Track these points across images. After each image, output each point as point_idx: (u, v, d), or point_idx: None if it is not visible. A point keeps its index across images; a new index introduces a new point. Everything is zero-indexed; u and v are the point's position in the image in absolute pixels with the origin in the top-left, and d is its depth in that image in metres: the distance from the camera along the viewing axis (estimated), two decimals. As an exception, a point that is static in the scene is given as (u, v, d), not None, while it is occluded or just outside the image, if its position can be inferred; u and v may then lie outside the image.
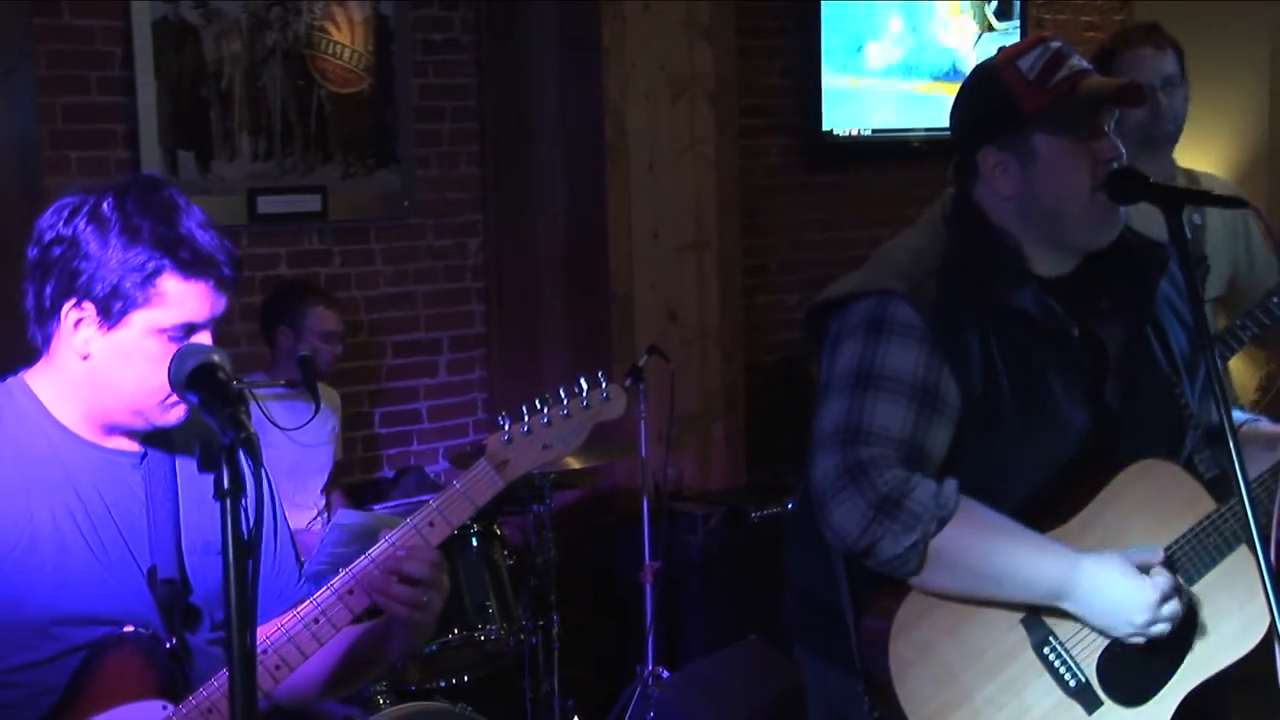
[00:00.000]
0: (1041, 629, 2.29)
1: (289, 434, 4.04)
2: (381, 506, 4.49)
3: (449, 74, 5.44)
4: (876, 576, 2.27)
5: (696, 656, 4.66)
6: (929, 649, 2.25)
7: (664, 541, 4.64)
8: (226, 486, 1.62)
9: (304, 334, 4.47)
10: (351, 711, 3.79)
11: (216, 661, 2.09)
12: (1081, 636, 2.29)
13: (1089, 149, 2.32)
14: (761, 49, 6.03)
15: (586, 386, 2.23)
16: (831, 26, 6.15)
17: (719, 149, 5.35)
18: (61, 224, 2.03)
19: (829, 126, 6.21)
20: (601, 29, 5.07)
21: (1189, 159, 3.64)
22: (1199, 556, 2.36)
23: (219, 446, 1.64)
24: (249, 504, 1.62)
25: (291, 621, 2.09)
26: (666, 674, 4.44)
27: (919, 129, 6.41)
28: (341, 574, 2.12)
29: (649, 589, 4.49)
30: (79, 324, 2.02)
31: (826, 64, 6.15)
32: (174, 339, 2.01)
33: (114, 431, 2.11)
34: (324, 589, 2.12)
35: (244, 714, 1.58)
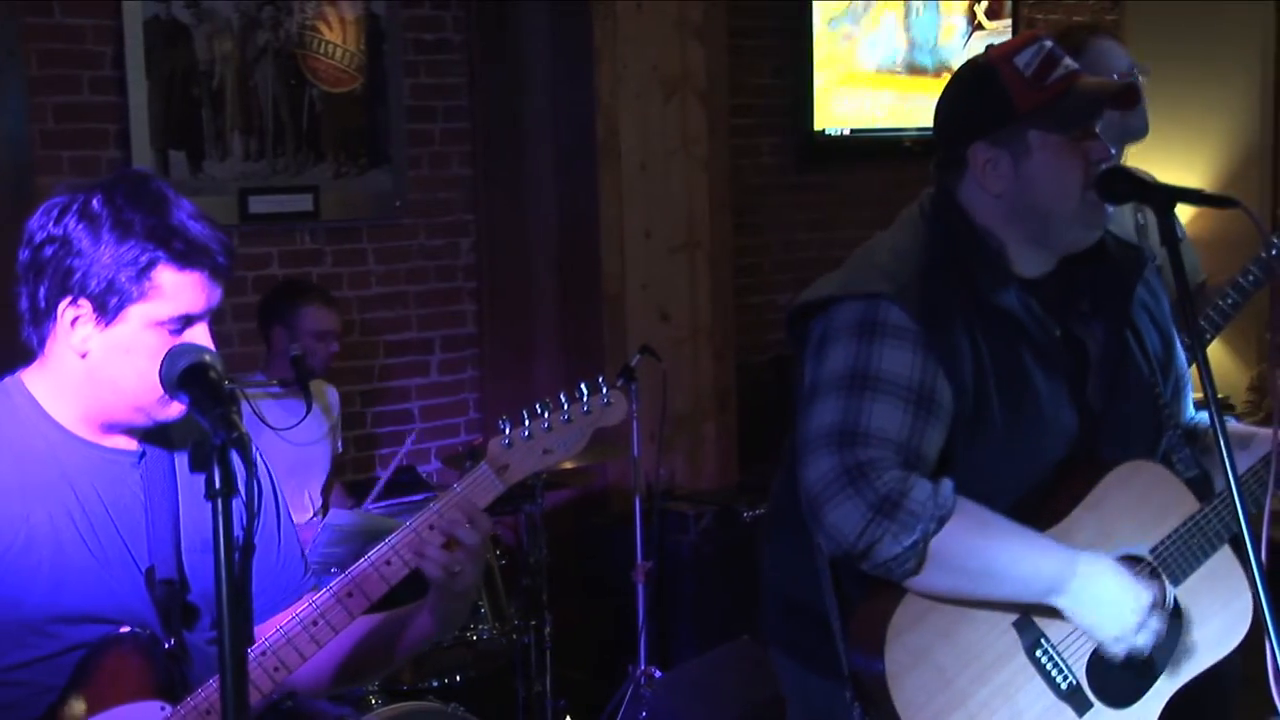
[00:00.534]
0: (1033, 631, 2.28)
1: (281, 433, 4.04)
2: (374, 507, 4.48)
3: (440, 74, 5.43)
4: (865, 580, 2.25)
5: (688, 656, 4.66)
6: (925, 653, 2.24)
7: (656, 541, 4.64)
8: (218, 487, 1.62)
9: (298, 333, 4.46)
10: (344, 711, 3.78)
11: (215, 661, 2.07)
12: (1072, 639, 2.29)
13: (1081, 148, 2.31)
14: (753, 49, 6.04)
15: (587, 391, 2.21)
16: (822, 26, 6.16)
17: (711, 149, 5.35)
18: (52, 224, 2.01)
19: (820, 126, 6.22)
20: (593, 29, 5.07)
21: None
22: (1185, 557, 2.36)
23: (210, 447, 1.64)
24: (242, 504, 1.61)
25: (290, 624, 2.08)
26: (659, 674, 4.44)
27: (910, 129, 6.41)
28: (340, 576, 2.12)
29: (641, 589, 4.49)
30: (75, 322, 2.01)
31: (818, 64, 6.16)
32: (173, 331, 2.00)
33: (113, 430, 2.10)
34: (322, 591, 2.11)
35: (235, 713, 1.58)
